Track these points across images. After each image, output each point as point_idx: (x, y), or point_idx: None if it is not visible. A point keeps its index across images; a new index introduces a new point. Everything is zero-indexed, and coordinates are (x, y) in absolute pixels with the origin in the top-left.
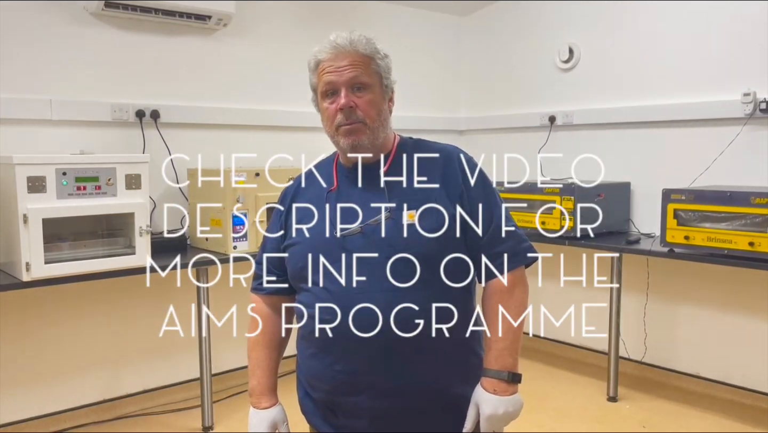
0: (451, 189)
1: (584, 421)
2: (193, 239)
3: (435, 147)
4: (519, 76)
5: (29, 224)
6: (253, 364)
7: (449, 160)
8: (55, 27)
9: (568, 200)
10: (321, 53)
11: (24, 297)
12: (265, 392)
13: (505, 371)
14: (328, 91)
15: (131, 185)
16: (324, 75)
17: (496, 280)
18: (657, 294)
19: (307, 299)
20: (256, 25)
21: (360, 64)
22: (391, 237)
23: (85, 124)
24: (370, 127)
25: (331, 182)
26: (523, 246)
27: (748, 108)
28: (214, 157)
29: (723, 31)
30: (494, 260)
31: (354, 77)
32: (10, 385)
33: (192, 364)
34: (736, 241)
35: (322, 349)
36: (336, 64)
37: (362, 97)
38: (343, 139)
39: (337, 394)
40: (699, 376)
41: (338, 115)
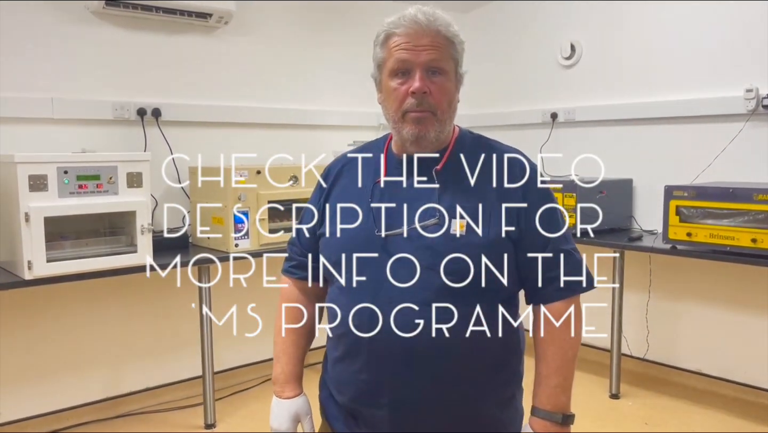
0: (509, 199)
1: (587, 418)
2: (194, 237)
3: (498, 148)
4: (521, 73)
5: (31, 223)
6: (278, 350)
7: (511, 167)
8: (57, 25)
9: (569, 197)
10: (397, 26)
11: (26, 295)
12: (289, 381)
13: (559, 413)
14: (400, 69)
15: (133, 184)
16: (397, 51)
17: (550, 306)
18: (659, 291)
19: (337, 296)
20: (257, 23)
21: (440, 47)
22: (436, 245)
23: (86, 123)
24: (439, 119)
25: (378, 172)
26: (582, 272)
27: (751, 104)
28: (215, 156)
29: (725, 27)
30: (549, 283)
31: (432, 60)
32: (12, 383)
33: (194, 362)
34: (739, 237)
35: (349, 354)
36: (414, 41)
37: (437, 83)
38: (409, 127)
39: (359, 403)
40: (701, 373)
41: (408, 99)
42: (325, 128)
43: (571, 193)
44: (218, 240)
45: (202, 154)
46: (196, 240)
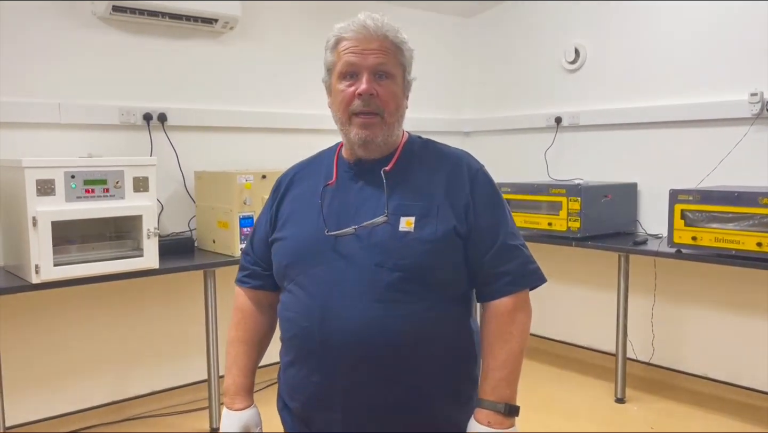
0: (456, 198)
1: (592, 422)
2: (200, 241)
3: (444, 151)
4: (525, 77)
5: (38, 227)
6: (230, 361)
7: (457, 167)
8: (63, 31)
9: (574, 201)
10: (346, 31)
11: (33, 299)
12: (239, 392)
13: (501, 403)
14: (348, 72)
15: (139, 188)
16: (346, 54)
17: (497, 301)
18: (664, 295)
19: (288, 300)
20: (262, 28)
21: (388, 51)
22: (385, 243)
23: (93, 128)
24: (387, 123)
25: (329, 175)
26: (530, 268)
27: (756, 108)
28: (220, 160)
29: (730, 30)
30: (497, 279)
31: (380, 63)
32: (18, 387)
33: (200, 365)
34: (744, 241)
35: (299, 358)
36: (362, 46)
37: (384, 87)
38: (356, 130)
39: (311, 408)
40: (707, 377)
41: (355, 101)
42: (330, 132)
43: (576, 198)
44: (224, 244)
45: (208, 158)
46: (201, 244)
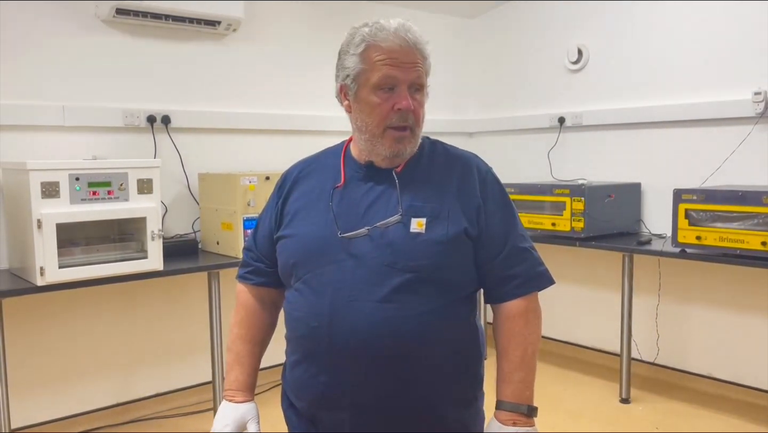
0: (467, 200)
1: (597, 423)
2: (204, 242)
3: (452, 152)
4: (528, 77)
5: (43, 229)
6: (232, 358)
7: (467, 169)
8: (67, 34)
9: (578, 201)
10: (378, 39)
11: (38, 301)
12: (241, 389)
13: (524, 405)
14: (386, 85)
15: (143, 190)
16: (383, 66)
17: (508, 304)
18: (669, 295)
19: (295, 298)
20: (265, 29)
21: (421, 64)
22: (397, 243)
23: (97, 130)
24: (416, 135)
25: (338, 177)
26: (540, 270)
27: (759, 107)
28: (224, 162)
29: (733, 30)
30: (507, 282)
31: (418, 77)
32: (24, 389)
33: (205, 367)
34: (749, 241)
35: (307, 357)
36: (401, 57)
37: (418, 101)
38: (390, 143)
39: (319, 408)
40: (712, 377)
41: (392, 115)
42: (334, 134)
43: (580, 198)
44: (228, 246)
45: (212, 160)
46: (205, 246)
